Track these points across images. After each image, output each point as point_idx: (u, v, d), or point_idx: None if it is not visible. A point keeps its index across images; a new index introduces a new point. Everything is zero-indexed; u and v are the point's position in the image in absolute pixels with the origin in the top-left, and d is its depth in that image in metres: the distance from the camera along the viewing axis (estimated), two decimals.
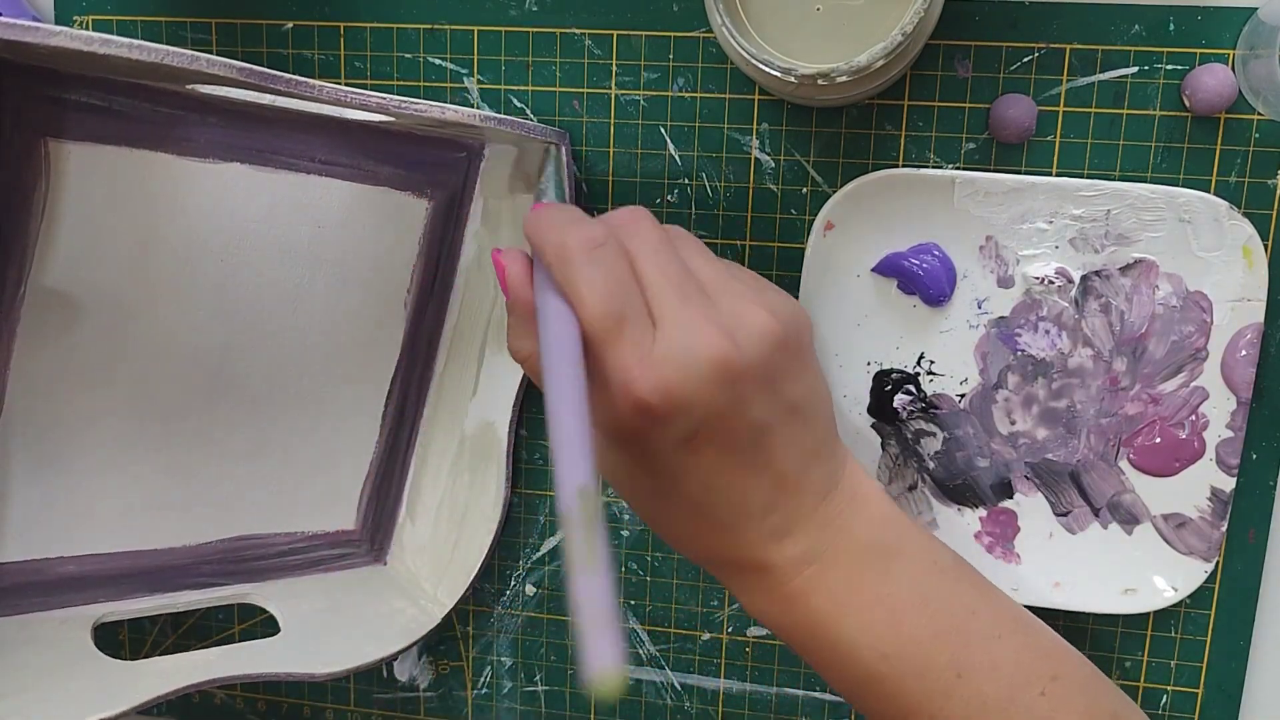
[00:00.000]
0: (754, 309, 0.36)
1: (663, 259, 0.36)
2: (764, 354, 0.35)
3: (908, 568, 0.39)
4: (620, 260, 0.35)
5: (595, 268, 0.34)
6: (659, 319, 0.34)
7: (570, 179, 0.50)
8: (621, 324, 0.34)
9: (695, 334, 0.34)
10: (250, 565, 0.54)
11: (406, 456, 0.57)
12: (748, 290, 0.36)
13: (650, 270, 0.35)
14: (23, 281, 0.44)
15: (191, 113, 0.45)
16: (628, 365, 0.34)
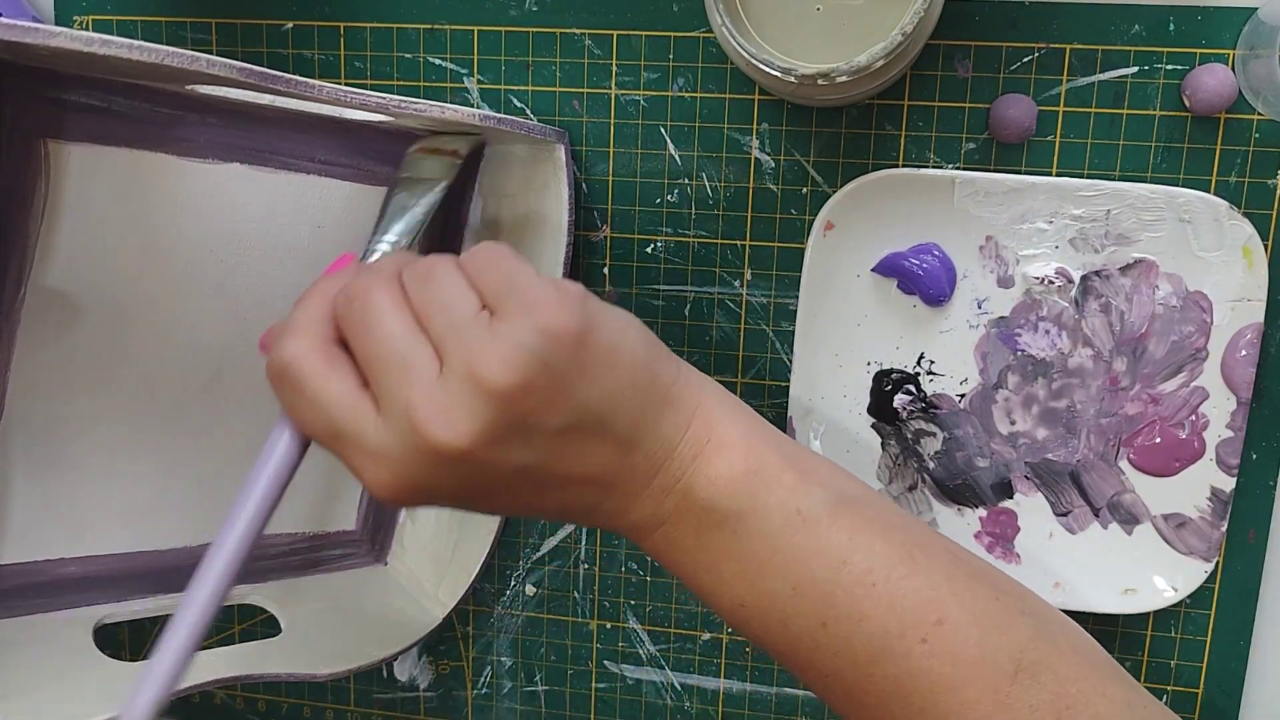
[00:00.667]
0: (481, 364, 0.32)
1: (382, 330, 0.33)
2: (490, 419, 0.32)
3: (760, 524, 0.36)
4: (320, 369, 0.34)
5: (295, 393, 0.34)
6: (379, 400, 0.33)
7: (570, 179, 0.50)
8: (337, 437, 0.34)
9: (408, 425, 0.32)
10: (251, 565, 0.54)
11: None
12: (481, 336, 0.33)
13: (367, 349, 0.34)
14: (23, 282, 0.44)
15: (191, 113, 0.45)
16: (357, 470, 0.34)
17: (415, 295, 0.34)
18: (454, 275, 0.34)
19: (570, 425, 0.34)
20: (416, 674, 0.59)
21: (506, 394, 0.32)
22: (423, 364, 0.33)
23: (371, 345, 0.33)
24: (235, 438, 0.52)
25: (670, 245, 0.52)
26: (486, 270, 0.34)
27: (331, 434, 0.34)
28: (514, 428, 0.33)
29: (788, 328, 0.51)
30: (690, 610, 0.55)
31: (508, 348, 0.32)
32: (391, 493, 0.34)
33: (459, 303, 0.34)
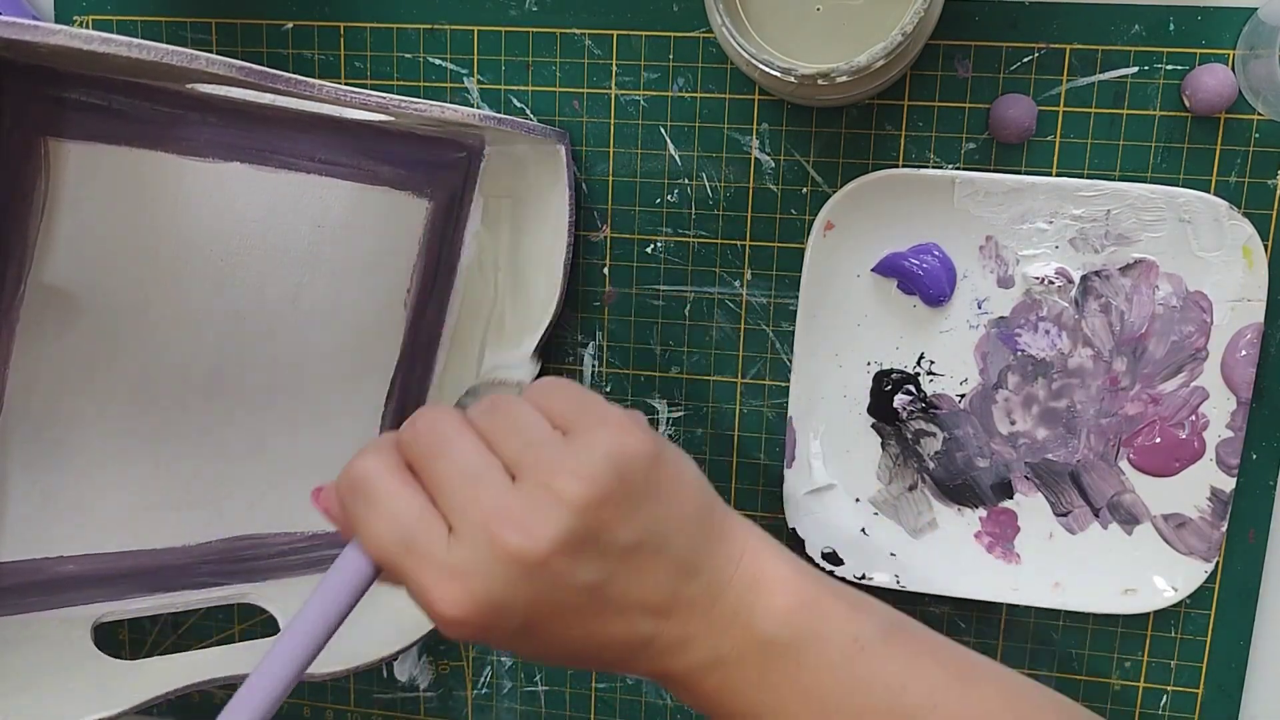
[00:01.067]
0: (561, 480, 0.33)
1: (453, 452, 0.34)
2: (569, 528, 0.32)
3: (825, 652, 0.36)
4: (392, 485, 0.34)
5: (367, 506, 0.34)
6: (453, 524, 0.33)
7: (570, 179, 0.50)
8: (409, 551, 0.33)
9: (487, 535, 0.32)
10: (250, 565, 0.54)
11: None
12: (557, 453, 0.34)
13: (438, 471, 0.34)
14: (22, 280, 0.44)
15: (191, 112, 0.45)
16: (426, 589, 0.33)
17: (484, 424, 0.35)
18: (521, 403, 0.35)
19: (638, 543, 0.34)
20: (416, 674, 0.59)
21: (585, 504, 0.32)
22: (496, 478, 0.33)
23: (442, 466, 0.34)
24: (234, 436, 0.52)
25: (670, 245, 0.52)
26: (554, 395, 0.36)
27: (404, 547, 0.33)
28: (588, 539, 0.33)
29: (788, 328, 0.51)
30: None
31: (586, 460, 0.33)
32: (461, 611, 0.32)
33: (531, 423, 0.35)
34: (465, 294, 0.55)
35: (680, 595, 0.35)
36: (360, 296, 0.52)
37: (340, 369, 0.53)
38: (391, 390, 0.55)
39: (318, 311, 0.51)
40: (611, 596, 0.34)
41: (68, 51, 0.34)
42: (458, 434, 0.35)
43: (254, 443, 0.52)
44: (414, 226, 0.52)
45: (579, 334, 0.54)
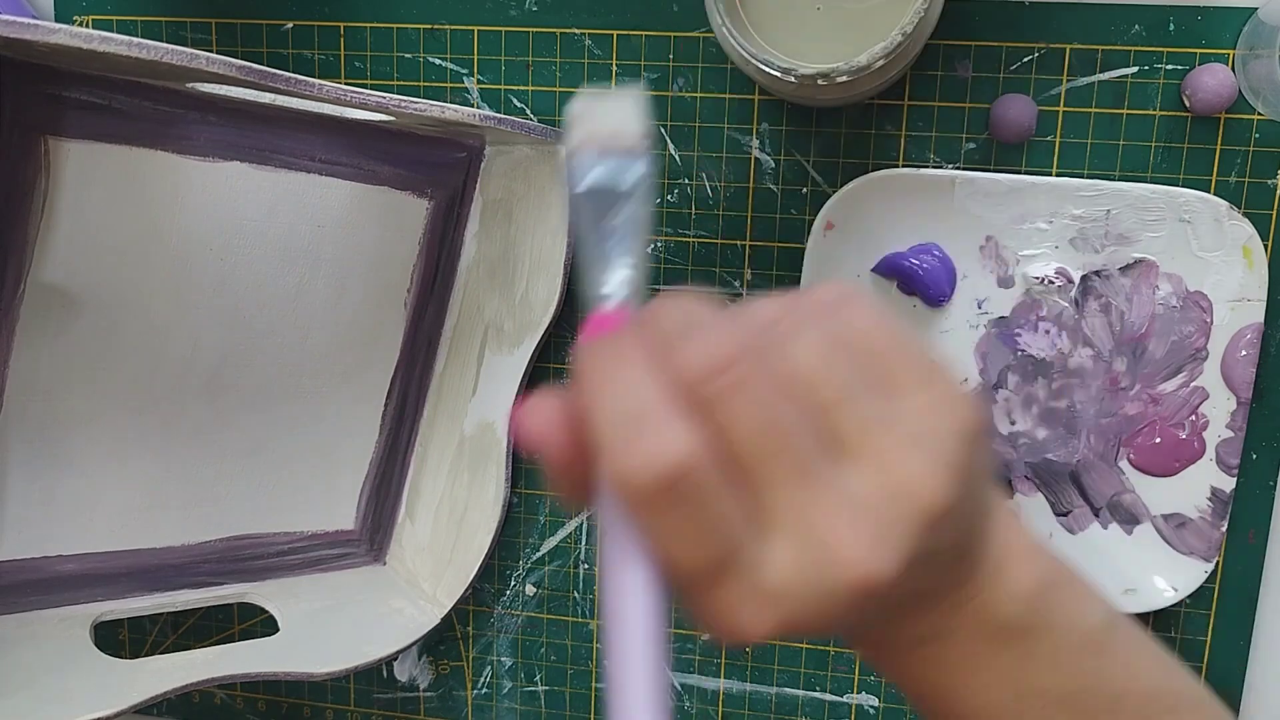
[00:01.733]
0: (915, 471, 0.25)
1: (772, 420, 0.25)
2: (922, 543, 0.25)
3: (1054, 649, 0.31)
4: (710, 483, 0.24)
5: (675, 517, 0.24)
6: (771, 523, 0.25)
7: None
8: (723, 570, 0.25)
9: (824, 550, 0.24)
10: (249, 564, 0.54)
11: (406, 456, 0.57)
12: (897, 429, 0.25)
13: (757, 451, 0.25)
14: (22, 279, 0.44)
15: (191, 111, 0.45)
16: (733, 610, 0.25)
17: (787, 364, 0.25)
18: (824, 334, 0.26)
19: (958, 544, 0.28)
20: (416, 674, 0.59)
21: (943, 514, 0.25)
22: (830, 469, 0.25)
23: (765, 443, 0.24)
24: (234, 435, 0.52)
25: (670, 245, 0.52)
26: (863, 326, 0.26)
27: (717, 569, 0.25)
28: (930, 552, 0.26)
29: None
30: None
31: (940, 450, 0.25)
32: (764, 634, 0.25)
33: (856, 378, 0.26)
34: (465, 294, 0.55)
35: (940, 585, 0.29)
36: (360, 296, 0.52)
37: (340, 368, 0.53)
38: (391, 390, 0.55)
39: (318, 311, 0.51)
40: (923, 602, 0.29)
41: (68, 50, 0.35)
42: (773, 390, 0.25)
43: (253, 442, 0.52)
44: (414, 226, 0.52)
45: (579, 334, 0.54)
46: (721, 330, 0.25)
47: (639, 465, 0.24)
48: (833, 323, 0.26)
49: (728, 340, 0.25)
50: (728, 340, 0.25)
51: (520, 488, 0.56)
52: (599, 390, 0.26)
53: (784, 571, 0.25)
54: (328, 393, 0.53)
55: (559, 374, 0.54)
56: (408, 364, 0.55)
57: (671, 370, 0.25)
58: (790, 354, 0.25)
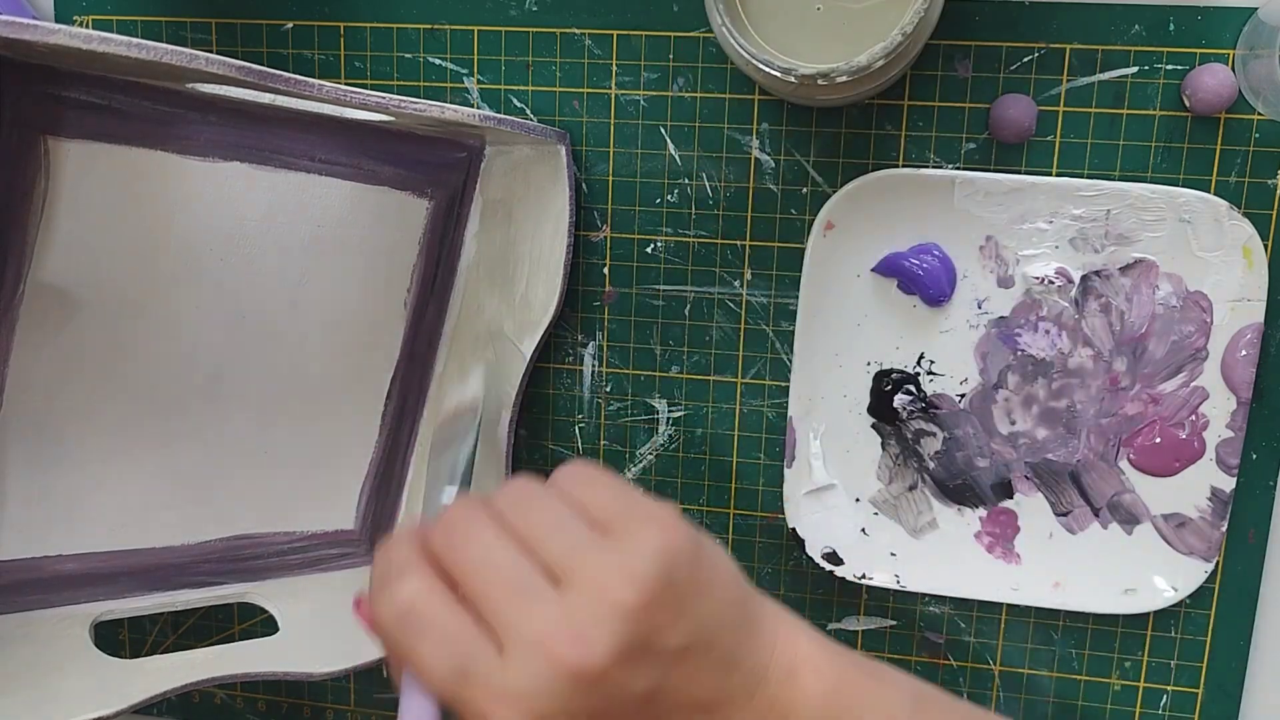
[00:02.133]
0: (608, 584, 0.32)
1: (494, 559, 0.33)
2: (626, 636, 0.31)
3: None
4: (437, 609, 0.32)
5: (418, 638, 0.32)
6: (502, 640, 0.32)
7: (571, 180, 0.50)
8: (465, 679, 0.31)
9: (542, 649, 0.31)
10: (249, 564, 0.54)
11: (406, 456, 0.57)
12: (600, 555, 0.32)
13: (481, 583, 0.32)
14: (22, 278, 0.44)
15: (192, 111, 0.45)
16: (486, 715, 0.31)
17: (519, 521, 0.33)
18: (553, 496, 0.34)
19: (687, 645, 0.33)
20: None
21: (637, 610, 0.31)
22: (543, 590, 0.32)
23: (485, 578, 0.32)
24: (234, 435, 0.52)
25: (670, 245, 0.52)
26: (589, 488, 0.34)
27: (459, 676, 0.31)
28: (642, 646, 0.32)
29: (788, 328, 0.51)
30: None
31: (635, 563, 0.32)
32: None
33: (570, 524, 0.33)
34: (465, 294, 0.55)
35: (723, 691, 0.34)
36: (360, 296, 0.52)
37: (340, 368, 0.53)
38: (391, 390, 0.55)
39: (317, 311, 0.51)
40: (664, 703, 0.33)
41: (68, 50, 0.35)
42: (496, 539, 0.33)
43: (253, 442, 0.52)
44: (414, 227, 0.52)
45: (579, 334, 0.54)
46: (470, 504, 0.34)
47: (382, 606, 0.33)
48: (562, 487, 0.34)
49: (468, 510, 0.34)
50: (468, 510, 0.34)
51: None
52: (375, 563, 0.35)
53: (515, 674, 0.31)
54: (327, 392, 0.53)
55: (559, 374, 0.54)
56: (408, 364, 0.55)
57: (424, 541, 0.34)
58: (520, 514, 0.33)
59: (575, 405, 0.54)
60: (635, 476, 0.54)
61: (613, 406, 0.54)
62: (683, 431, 0.54)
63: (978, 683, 0.53)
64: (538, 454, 0.55)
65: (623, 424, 0.54)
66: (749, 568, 0.54)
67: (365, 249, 0.51)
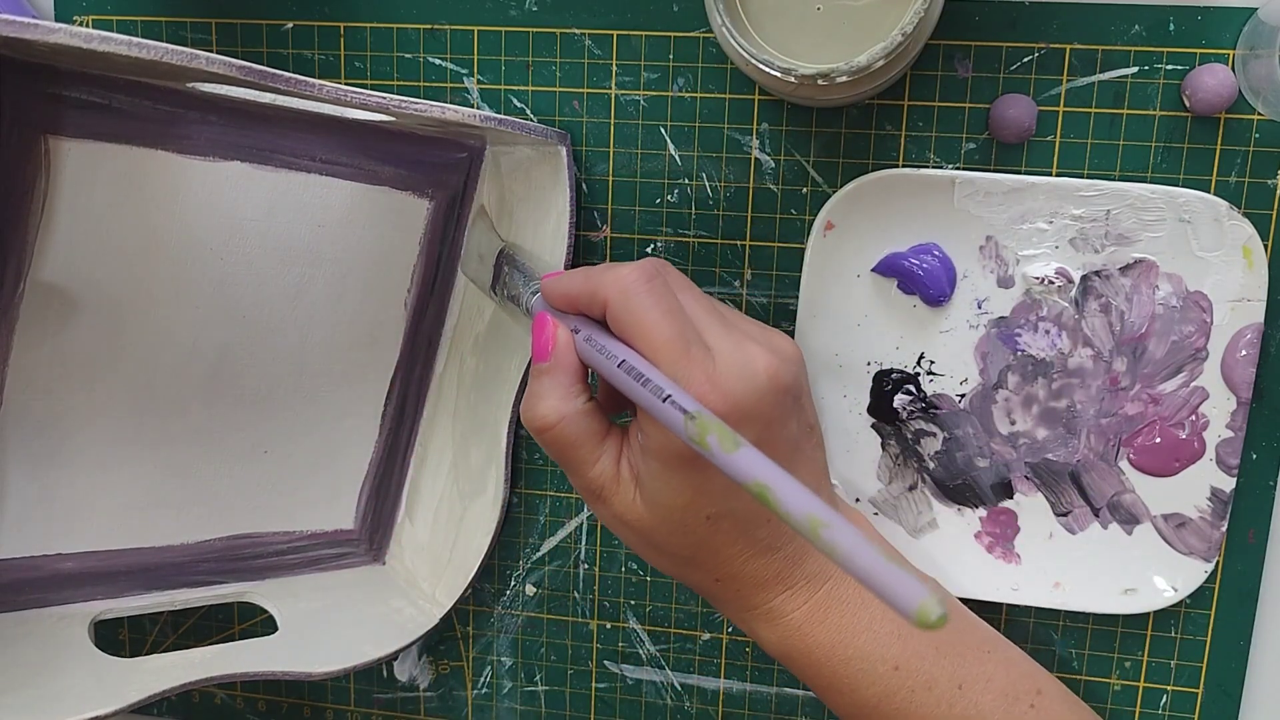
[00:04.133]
0: (778, 337, 0.40)
1: (697, 293, 0.40)
2: (796, 372, 0.39)
3: None
4: (669, 291, 0.38)
5: (658, 298, 0.37)
6: (712, 344, 0.37)
7: (571, 180, 0.50)
8: (688, 347, 0.36)
9: (746, 352, 0.37)
10: (248, 564, 0.54)
11: (406, 456, 0.57)
12: (762, 327, 0.41)
13: (690, 302, 0.39)
14: (21, 277, 0.44)
15: (191, 111, 0.45)
16: (698, 383, 0.36)
17: None
18: None
19: (810, 424, 0.41)
20: (416, 674, 0.59)
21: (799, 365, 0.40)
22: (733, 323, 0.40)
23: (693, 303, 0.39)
24: (233, 435, 0.52)
25: (670, 245, 0.52)
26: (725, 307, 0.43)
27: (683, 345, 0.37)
28: (796, 393, 0.40)
29: (788, 328, 0.51)
30: (690, 610, 0.55)
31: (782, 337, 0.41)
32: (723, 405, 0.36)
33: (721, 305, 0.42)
34: (465, 294, 0.55)
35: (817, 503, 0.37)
36: (360, 296, 0.52)
37: (340, 368, 0.53)
38: (391, 390, 0.55)
39: (318, 311, 0.51)
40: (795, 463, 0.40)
41: (68, 50, 0.35)
42: (689, 282, 0.41)
43: (253, 441, 0.52)
44: (414, 227, 0.52)
45: None
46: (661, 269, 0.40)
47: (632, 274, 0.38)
48: None
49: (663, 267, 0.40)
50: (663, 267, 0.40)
51: (520, 488, 0.56)
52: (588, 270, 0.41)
53: (725, 364, 0.37)
54: (327, 392, 0.53)
55: None
56: (408, 364, 0.55)
57: None
58: None
59: None
60: None
61: None
62: None
63: None
64: (538, 454, 0.55)
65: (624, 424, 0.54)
66: None
67: (365, 249, 0.51)
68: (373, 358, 0.54)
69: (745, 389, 0.37)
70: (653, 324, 0.37)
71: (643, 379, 0.36)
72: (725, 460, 0.32)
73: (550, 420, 0.39)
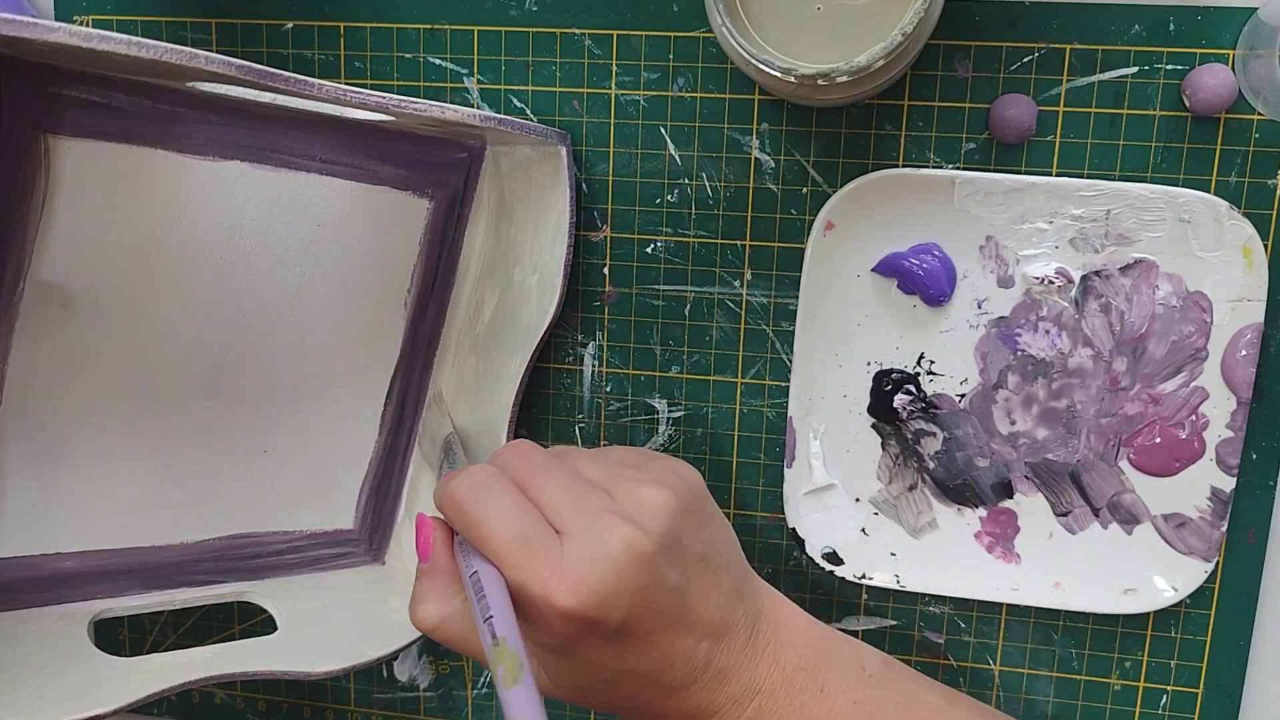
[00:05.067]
0: (647, 489, 0.39)
1: (552, 474, 0.39)
2: (666, 525, 0.38)
3: (841, 679, 0.41)
4: (507, 490, 0.38)
5: (486, 504, 0.37)
6: (563, 528, 0.37)
7: (571, 180, 0.50)
8: (527, 544, 0.36)
9: (600, 530, 0.37)
10: (248, 563, 0.54)
11: (405, 456, 0.57)
12: (637, 474, 0.40)
13: (543, 487, 0.38)
14: (21, 277, 0.44)
15: (191, 110, 0.45)
16: (544, 580, 0.36)
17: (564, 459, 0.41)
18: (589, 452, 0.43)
19: (705, 554, 0.40)
20: (416, 674, 0.59)
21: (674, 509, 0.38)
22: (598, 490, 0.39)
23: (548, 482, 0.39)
24: (233, 434, 0.52)
25: (670, 245, 0.52)
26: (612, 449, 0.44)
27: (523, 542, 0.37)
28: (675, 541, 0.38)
29: (788, 328, 0.51)
30: None
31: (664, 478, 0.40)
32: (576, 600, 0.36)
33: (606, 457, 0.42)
34: (465, 294, 0.55)
35: (729, 620, 0.40)
36: (360, 296, 0.52)
37: (340, 368, 0.53)
38: (391, 390, 0.55)
39: (317, 311, 0.51)
40: (687, 606, 0.39)
41: (68, 49, 0.35)
42: (550, 458, 0.40)
43: (253, 441, 0.52)
44: (414, 226, 0.52)
45: (579, 334, 0.54)
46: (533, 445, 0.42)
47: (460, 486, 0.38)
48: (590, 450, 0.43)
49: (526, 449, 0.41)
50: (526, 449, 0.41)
51: None
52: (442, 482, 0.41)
53: (573, 548, 0.36)
54: (327, 392, 0.53)
55: (559, 374, 0.54)
56: (408, 364, 0.55)
57: None
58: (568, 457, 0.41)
59: (575, 405, 0.54)
60: None
61: (613, 406, 0.54)
62: (683, 431, 0.54)
63: (978, 683, 0.53)
64: None
65: (623, 424, 0.54)
66: None
67: (365, 249, 0.51)
68: (373, 358, 0.54)
69: (599, 571, 0.36)
70: (488, 533, 0.37)
71: (480, 594, 0.36)
72: (501, 693, 0.33)
73: (431, 623, 0.40)
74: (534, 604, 0.36)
